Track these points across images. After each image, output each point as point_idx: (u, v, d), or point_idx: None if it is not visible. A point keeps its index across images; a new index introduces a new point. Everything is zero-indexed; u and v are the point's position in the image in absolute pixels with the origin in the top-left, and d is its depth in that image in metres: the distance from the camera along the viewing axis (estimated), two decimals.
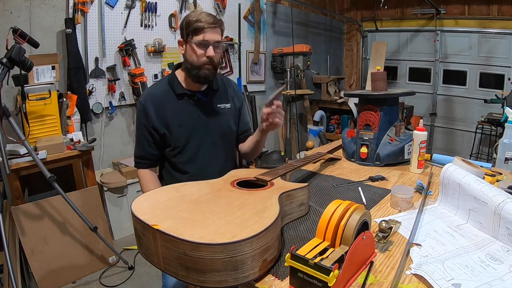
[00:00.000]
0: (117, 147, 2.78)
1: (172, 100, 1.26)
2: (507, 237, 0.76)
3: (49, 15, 2.29)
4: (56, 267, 1.97)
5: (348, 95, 2.11)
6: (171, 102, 1.26)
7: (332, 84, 4.34)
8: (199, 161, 1.28)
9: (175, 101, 1.26)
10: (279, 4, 3.99)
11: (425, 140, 1.29)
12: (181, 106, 1.27)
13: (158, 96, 1.26)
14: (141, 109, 1.26)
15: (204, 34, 1.16)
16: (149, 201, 0.78)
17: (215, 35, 1.19)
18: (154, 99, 1.25)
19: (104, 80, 2.59)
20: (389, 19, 4.76)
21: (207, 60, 1.19)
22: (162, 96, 1.26)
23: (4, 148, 1.59)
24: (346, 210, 0.69)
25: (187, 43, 1.21)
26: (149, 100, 1.25)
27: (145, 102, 1.25)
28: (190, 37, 1.18)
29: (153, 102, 1.25)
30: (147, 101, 1.25)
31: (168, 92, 1.27)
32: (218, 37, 1.20)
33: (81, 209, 1.93)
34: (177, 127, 1.25)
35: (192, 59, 1.20)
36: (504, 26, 3.84)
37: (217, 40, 1.19)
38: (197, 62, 1.19)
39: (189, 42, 1.19)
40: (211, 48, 1.18)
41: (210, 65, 1.20)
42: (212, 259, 0.60)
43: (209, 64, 1.20)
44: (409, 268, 0.69)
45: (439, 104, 4.57)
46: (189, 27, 1.17)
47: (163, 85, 1.29)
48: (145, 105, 1.25)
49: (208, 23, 1.16)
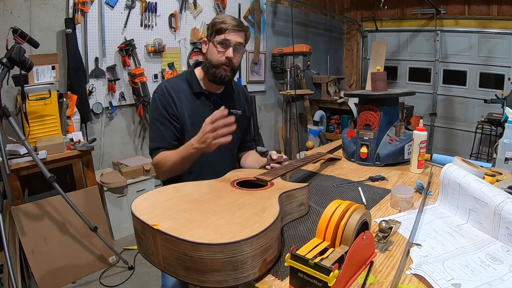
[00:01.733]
0: (117, 147, 2.78)
1: (189, 97, 1.26)
2: (507, 237, 0.76)
3: (49, 15, 2.29)
4: (56, 267, 1.97)
5: (348, 95, 2.11)
6: (188, 99, 1.25)
7: (332, 84, 4.34)
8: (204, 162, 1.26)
9: (192, 98, 1.26)
10: (279, 4, 3.99)
11: (425, 140, 1.29)
12: (197, 104, 1.26)
13: (177, 89, 1.25)
14: (162, 97, 1.23)
15: (226, 35, 1.18)
16: (149, 201, 0.78)
17: (237, 38, 1.20)
18: (174, 90, 1.24)
19: (104, 80, 2.59)
20: (389, 19, 4.76)
21: (226, 60, 1.20)
22: (181, 90, 1.25)
23: (4, 148, 1.59)
24: (346, 210, 0.69)
25: (209, 42, 1.23)
26: (170, 90, 1.23)
27: (166, 90, 1.23)
28: (213, 36, 1.20)
29: (174, 92, 1.24)
30: (168, 90, 1.23)
31: (186, 88, 1.27)
32: (240, 40, 1.21)
33: (81, 209, 1.93)
34: (190, 125, 1.24)
35: (211, 57, 1.21)
36: (504, 26, 3.84)
37: (238, 42, 1.21)
38: (216, 61, 1.20)
39: (212, 41, 1.21)
40: (231, 49, 1.19)
41: (228, 67, 1.21)
42: (212, 259, 0.60)
43: (227, 66, 1.21)
44: (409, 268, 0.69)
45: (439, 104, 4.57)
46: (214, 26, 1.20)
47: (181, 81, 1.28)
48: (167, 94, 1.22)
49: (232, 25, 1.18)
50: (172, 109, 1.23)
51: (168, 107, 1.23)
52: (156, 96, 1.24)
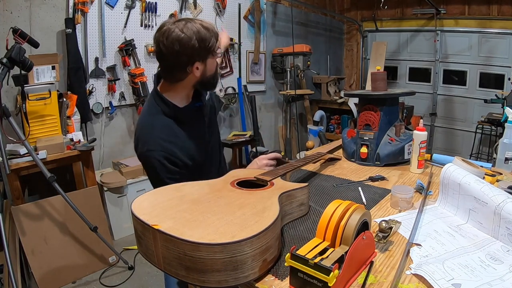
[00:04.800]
0: (117, 147, 2.78)
1: (178, 128, 1.11)
2: (507, 237, 0.76)
3: (49, 15, 2.29)
4: (56, 267, 1.97)
5: (348, 95, 2.11)
6: (179, 131, 1.11)
7: (332, 84, 4.34)
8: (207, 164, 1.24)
9: (182, 127, 1.11)
10: (279, 4, 3.99)
11: (425, 140, 1.29)
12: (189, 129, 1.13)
13: (167, 131, 1.08)
14: (165, 153, 1.05)
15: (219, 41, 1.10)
16: (149, 201, 0.78)
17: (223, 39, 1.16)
18: (166, 134, 1.07)
19: (104, 80, 2.59)
20: (389, 19, 4.76)
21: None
22: (169, 128, 1.09)
23: (4, 148, 1.59)
24: (346, 210, 0.69)
25: (207, 60, 1.06)
26: (165, 137, 1.06)
27: (164, 141, 1.05)
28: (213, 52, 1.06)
29: (171, 143, 1.07)
30: (165, 141, 1.06)
31: (169, 123, 1.09)
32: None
33: (81, 209, 1.93)
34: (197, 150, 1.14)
35: (213, 70, 1.10)
36: (504, 26, 3.84)
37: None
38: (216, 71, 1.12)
39: (213, 57, 1.08)
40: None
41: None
42: (212, 259, 0.60)
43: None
44: (409, 268, 0.69)
45: (439, 104, 4.57)
46: (208, 42, 1.03)
47: (162, 120, 1.08)
48: (167, 147, 1.05)
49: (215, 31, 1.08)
50: (180, 159, 1.07)
51: (178, 160, 1.07)
52: (157, 155, 1.04)
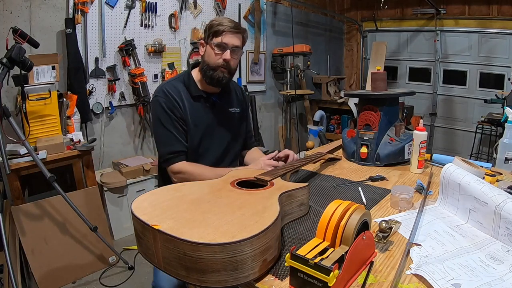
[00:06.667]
0: (117, 147, 2.78)
1: (189, 100, 1.26)
2: (507, 237, 0.76)
3: (49, 15, 2.29)
4: (56, 267, 1.97)
5: (348, 95, 2.11)
6: (188, 101, 1.26)
7: (332, 84, 4.34)
8: (207, 163, 1.27)
9: (192, 101, 1.26)
10: (279, 4, 3.99)
11: (425, 140, 1.29)
12: (197, 107, 1.27)
13: (178, 92, 1.24)
14: (166, 100, 1.21)
15: (223, 37, 1.18)
16: (149, 201, 0.78)
17: (234, 40, 1.20)
18: (175, 93, 1.23)
19: (104, 80, 2.59)
20: (389, 19, 4.76)
21: (223, 63, 1.20)
22: (181, 93, 1.25)
23: (4, 148, 1.59)
24: (346, 210, 0.69)
25: (207, 45, 1.23)
26: (172, 93, 1.23)
27: (169, 93, 1.22)
28: (210, 38, 1.20)
29: (176, 95, 1.23)
30: (171, 93, 1.22)
31: (184, 91, 1.26)
32: (237, 42, 1.21)
33: (81, 209, 1.93)
34: (193, 126, 1.25)
35: (209, 60, 1.22)
36: (504, 26, 3.84)
37: (236, 45, 1.21)
38: (213, 64, 1.20)
39: (209, 43, 1.21)
40: (228, 51, 1.19)
41: (225, 69, 1.21)
42: (212, 259, 0.60)
43: (224, 68, 1.21)
44: (409, 268, 0.69)
45: (439, 104, 4.57)
46: (211, 29, 1.20)
47: (179, 83, 1.27)
48: (170, 97, 1.21)
49: (229, 27, 1.18)
50: (178, 112, 1.23)
51: (175, 110, 1.22)
52: (160, 100, 1.22)
